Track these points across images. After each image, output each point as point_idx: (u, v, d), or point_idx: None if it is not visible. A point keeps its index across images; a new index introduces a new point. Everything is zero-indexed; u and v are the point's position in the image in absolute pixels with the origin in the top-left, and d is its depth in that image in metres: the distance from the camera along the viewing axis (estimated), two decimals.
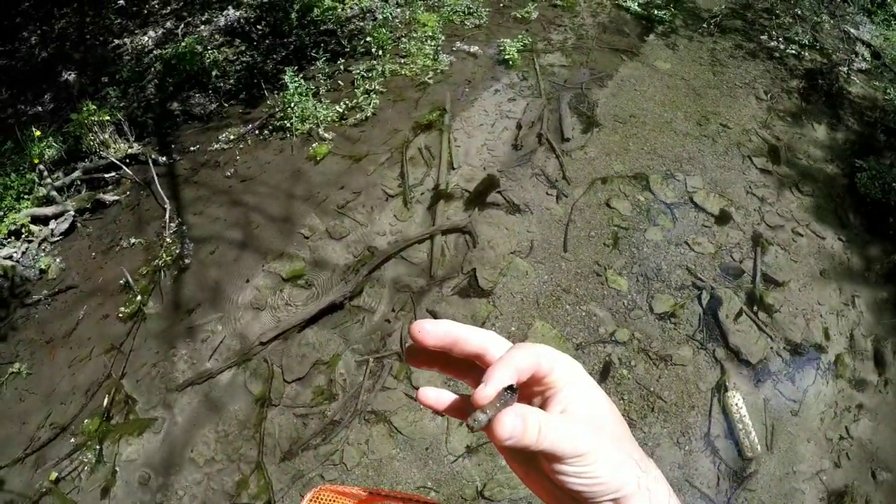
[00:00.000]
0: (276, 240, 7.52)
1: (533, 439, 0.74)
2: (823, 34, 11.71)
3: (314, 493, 1.24)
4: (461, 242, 7.39)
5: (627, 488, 0.80)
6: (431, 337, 0.84)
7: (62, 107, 9.85)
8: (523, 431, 0.74)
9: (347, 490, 1.31)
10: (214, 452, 5.82)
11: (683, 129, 9.03)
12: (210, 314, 6.87)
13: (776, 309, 6.93)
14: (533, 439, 0.74)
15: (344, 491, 1.30)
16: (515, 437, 0.74)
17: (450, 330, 0.85)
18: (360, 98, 9.29)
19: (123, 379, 6.41)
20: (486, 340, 0.87)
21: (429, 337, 0.84)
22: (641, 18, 11.45)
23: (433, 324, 0.85)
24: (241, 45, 10.72)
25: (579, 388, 0.84)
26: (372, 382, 6.20)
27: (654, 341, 6.59)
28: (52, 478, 5.71)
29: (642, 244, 7.45)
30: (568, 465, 0.77)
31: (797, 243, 7.67)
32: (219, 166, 8.65)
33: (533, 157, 8.41)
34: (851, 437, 6.14)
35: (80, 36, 11.46)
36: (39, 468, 5.83)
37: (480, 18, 11.16)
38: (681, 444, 5.90)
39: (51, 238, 7.88)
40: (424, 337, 0.84)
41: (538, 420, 0.75)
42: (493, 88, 9.60)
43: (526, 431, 0.74)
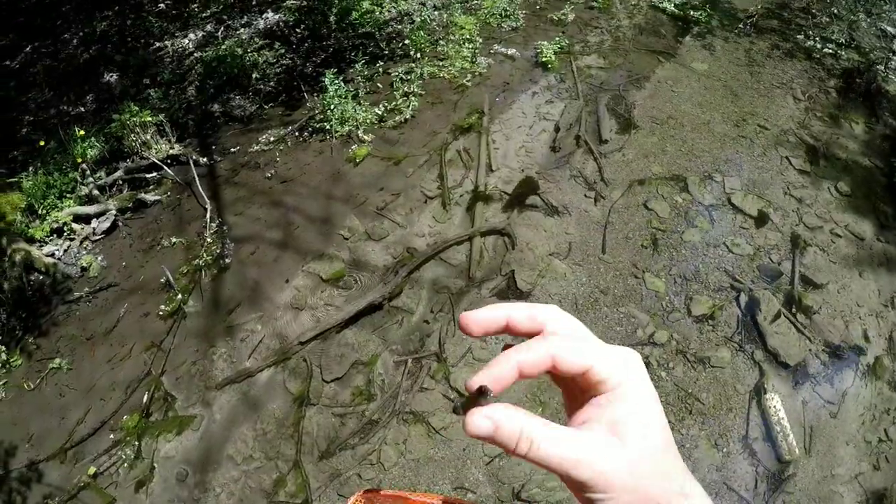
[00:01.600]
0: (315, 240, 7.60)
1: (524, 451, 0.69)
2: (860, 33, 11.58)
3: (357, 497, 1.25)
4: (500, 244, 7.42)
5: None
6: (478, 329, 0.80)
7: (104, 107, 9.99)
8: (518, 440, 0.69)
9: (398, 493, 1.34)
10: (252, 450, 5.89)
11: (721, 130, 8.97)
12: (250, 314, 6.95)
13: (815, 310, 6.86)
14: (524, 451, 0.69)
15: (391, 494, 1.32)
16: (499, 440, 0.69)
17: (493, 316, 0.80)
18: (399, 100, 9.34)
19: (163, 376, 6.52)
20: (529, 325, 0.80)
21: (475, 329, 0.80)
22: (677, 19, 11.39)
23: (480, 314, 0.80)
24: (281, 48, 10.84)
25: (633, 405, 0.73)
26: (410, 383, 6.25)
27: (693, 343, 6.56)
28: (90, 472, 5.81)
29: (680, 246, 7.42)
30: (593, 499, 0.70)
31: (836, 244, 7.59)
32: (259, 167, 8.75)
33: (571, 159, 8.41)
34: (891, 440, 6.07)
35: (122, 38, 11.63)
36: (78, 462, 5.95)
37: (517, 21, 11.17)
38: (719, 447, 5.87)
39: (92, 236, 8.02)
40: (470, 330, 0.80)
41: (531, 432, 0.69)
42: (531, 91, 9.61)
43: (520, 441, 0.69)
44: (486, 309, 0.81)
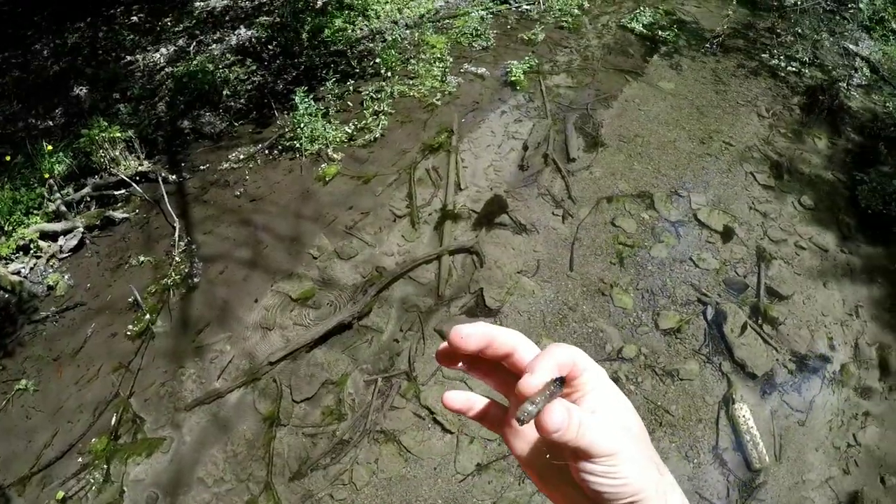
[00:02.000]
0: (284, 260, 7.59)
1: (574, 434, 0.76)
2: (823, 51, 11.79)
3: None
4: (468, 263, 7.45)
5: (647, 491, 0.81)
6: (473, 342, 0.87)
7: (73, 122, 9.89)
8: (567, 426, 0.76)
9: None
10: (223, 472, 5.85)
11: (687, 147, 9.10)
12: (219, 334, 6.92)
13: (781, 321, 6.98)
14: (574, 434, 0.76)
15: None
16: (562, 430, 0.76)
17: (485, 331, 0.87)
18: (369, 119, 9.38)
19: (131, 398, 6.45)
20: (516, 340, 0.89)
21: (471, 342, 0.86)
22: (645, 39, 11.53)
23: (471, 328, 0.87)
24: (253, 64, 10.82)
25: (607, 392, 0.87)
26: (381, 402, 6.24)
27: (661, 357, 6.64)
28: (59, 497, 5.73)
29: (647, 262, 7.51)
30: (597, 465, 0.78)
31: (800, 256, 7.73)
32: (228, 185, 8.72)
33: (539, 177, 8.48)
34: (859, 445, 6.18)
35: (93, 51, 11.54)
36: (46, 486, 5.86)
37: (488, 41, 11.24)
38: (689, 458, 5.95)
39: (59, 254, 7.93)
40: (467, 343, 0.86)
41: (579, 417, 0.77)
42: (500, 110, 9.69)
43: (569, 426, 0.76)
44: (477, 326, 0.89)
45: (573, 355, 0.84)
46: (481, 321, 0.89)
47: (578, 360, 0.84)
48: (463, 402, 0.94)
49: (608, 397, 0.87)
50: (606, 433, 0.79)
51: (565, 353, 0.84)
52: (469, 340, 0.87)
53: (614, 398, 0.87)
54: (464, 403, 0.94)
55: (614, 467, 0.79)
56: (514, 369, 0.89)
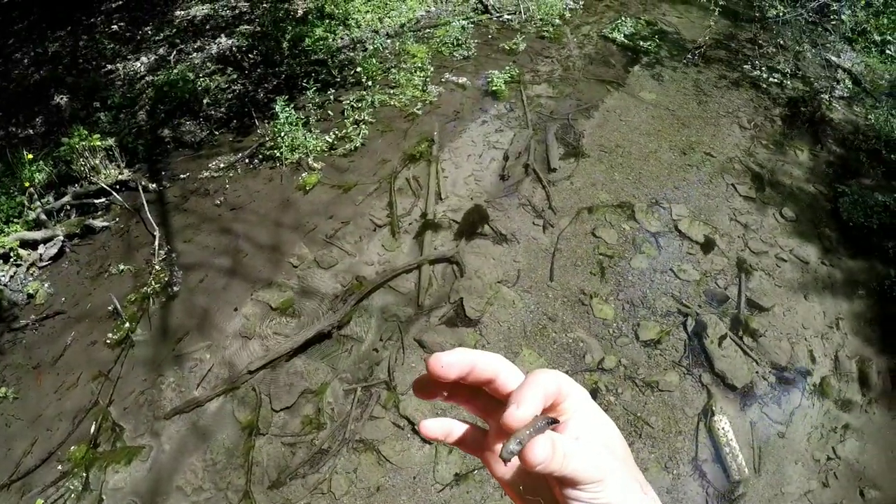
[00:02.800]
0: (264, 268, 7.56)
1: (558, 465, 0.75)
2: (805, 63, 11.91)
3: None
4: (448, 272, 7.44)
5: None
6: (455, 370, 0.84)
7: (53, 130, 9.86)
8: (553, 459, 0.75)
9: None
10: (202, 481, 5.80)
11: (668, 158, 9.15)
12: (198, 342, 6.87)
13: (761, 333, 7.01)
14: (558, 465, 0.75)
15: None
16: (545, 463, 0.75)
17: (466, 358, 0.85)
18: (350, 128, 9.38)
19: (111, 406, 6.38)
20: (498, 366, 0.87)
21: (452, 371, 0.84)
22: (627, 50, 11.62)
23: (450, 355, 0.85)
24: (233, 73, 10.81)
25: (589, 415, 0.87)
26: (360, 411, 6.22)
27: (641, 368, 6.64)
28: None
29: (628, 272, 7.52)
30: (583, 492, 0.78)
31: (781, 268, 7.77)
32: (208, 194, 8.68)
33: (520, 187, 8.50)
34: (839, 458, 6.20)
35: (74, 59, 11.51)
36: (25, 494, 5.78)
37: (469, 50, 11.29)
38: (669, 469, 5.94)
39: (39, 263, 7.88)
40: (448, 372, 0.84)
41: (564, 447, 0.76)
42: (481, 119, 9.71)
43: (554, 458, 0.75)
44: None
45: (558, 383, 0.83)
46: (459, 347, 0.87)
47: (563, 386, 0.84)
48: (440, 429, 0.92)
49: (591, 420, 0.87)
50: (592, 461, 0.79)
51: (551, 380, 0.83)
52: (450, 370, 0.85)
53: (597, 420, 0.87)
54: (441, 431, 0.92)
55: (599, 493, 0.79)
56: (497, 395, 0.88)
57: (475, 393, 0.91)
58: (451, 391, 0.91)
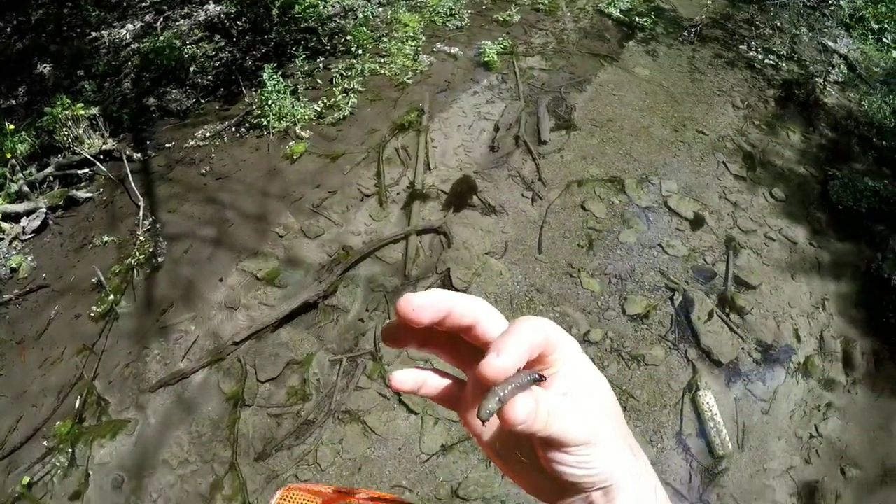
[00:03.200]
0: (250, 238, 7.49)
1: (542, 425, 0.69)
2: (802, 46, 11.86)
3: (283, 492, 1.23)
4: (436, 243, 7.40)
5: (618, 475, 0.76)
6: (428, 312, 0.74)
7: (36, 100, 9.75)
8: (536, 417, 0.69)
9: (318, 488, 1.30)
10: (188, 454, 5.78)
11: (660, 134, 9.11)
12: (183, 314, 6.82)
13: (748, 311, 7.02)
14: (542, 425, 0.69)
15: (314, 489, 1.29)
16: (528, 423, 0.68)
17: (442, 300, 0.75)
18: (339, 97, 9.27)
19: (96, 380, 6.34)
20: (478, 310, 0.77)
21: (425, 314, 0.74)
22: (622, 25, 11.53)
23: (424, 297, 0.74)
24: (221, 40, 10.67)
25: (580, 369, 0.79)
26: (346, 382, 6.19)
27: (627, 341, 6.64)
28: (24, 482, 5.62)
29: (616, 246, 7.50)
30: (569, 454, 0.73)
31: (769, 247, 7.77)
32: (194, 163, 8.59)
33: (509, 158, 8.44)
34: (821, 436, 6.23)
35: (57, 27, 11.34)
36: (11, 472, 5.75)
37: (462, 20, 11.18)
38: (653, 443, 5.96)
39: (22, 236, 7.78)
40: (420, 315, 0.74)
41: (547, 404, 0.70)
42: (472, 90, 9.63)
43: (537, 416, 0.69)
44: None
45: (546, 332, 0.75)
46: (436, 289, 0.76)
47: (551, 336, 0.75)
48: (412, 380, 0.83)
49: (582, 375, 0.79)
50: (579, 421, 0.72)
51: (537, 329, 0.74)
52: (422, 312, 0.74)
53: (588, 375, 0.80)
54: (414, 382, 0.83)
55: (588, 456, 0.73)
56: (477, 343, 0.79)
57: (453, 341, 0.82)
58: (425, 339, 0.83)
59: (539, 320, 0.75)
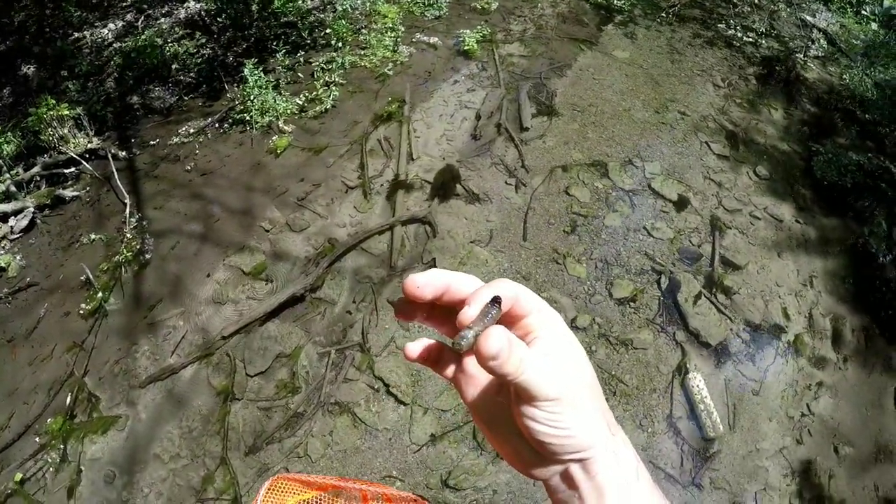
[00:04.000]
0: (236, 233, 7.50)
1: (514, 367, 0.74)
2: (780, 22, 11.90)
3: (272, 482, 1.26)
4: (421, 233, 7.42)
5: (594, 449, 0.80)
6: (429, 289, 0.85)
7: (21, 101, 9.73)
8: (508, 355, 0.73)
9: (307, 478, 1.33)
10: (179, 448, 5.81)
11: (642, 116, 9.13)
12: (171, 309, 6.84)
13: (735, 291, 7.05)
14: (514, 367, 0.74)
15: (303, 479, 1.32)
16: (501, 359, 0.73)
17: (440, 278, 0.86)
18: (320, 90, 9.29)
19: (86, 377, 6.36)
20: (473, 284, 0.87)
21: (426, 290, 0.85)
22: (600, 8, 11.55)
23: (424, 276, 0.86)
24: (202, 37, 10.65)
25: (560, 337, 0.84)
26: (334, 374, 6.22)
27: (615, 326, 6.67)
28: (17, 479, 5.66)
29: (601, 231, 7.52)
30: (539, 409, 0.77)
31: (755, 226, 7.80)
32: (179, 160, 8.60)
33: (492, 146, 8.45)
34: (813, 414, 6.27)
35: (40, 28, 11.30)
36: (3, 469, 5.77)
37: (440, 10, 11.18)
38: (644, 427, 5.99)
39: (10, 235, 7.79)
40: (423, 292, 0.85)
41: (521, 351, 0.75)
42: (453, 79, 9.63)
43: (510, 357, 0.73)
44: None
45: (516, 290, 0.83)
46: (435, 268, 0.89)
47: (523, 296, 0.84)
48: (421, 349, 0.92)
49: (562, 343, 0.84)
50: (550, 376, 0.77)
51: (508, 287, 0.83)
52: (425, 289, 0.85)
53: (569, 346, 0.85)
54: (423, 350, 0.92)
55: (557, 414, 0.77)
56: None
57: (451, 314, 0.88)
58: (429, 313, 0.92)
59: (513, 283, 0.84)
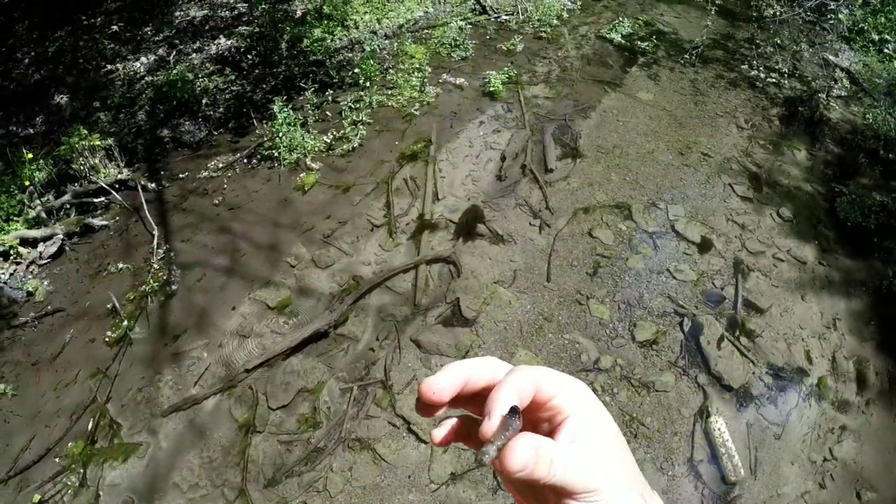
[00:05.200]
0: (262, 268, 7.57)
1: (544, 472, 0.71)
2: (803, 62, 11.93)
3: None
4: (445, 272, 7.46)
5: None
6: (448, 393, 0.83)
7: (54, 130, 9.85)
8: (535, 464, 0.71)
9: None
10: (198, 478, 5.81)
11: (665, 158, 9.17)
12: (196, 340, 6.88)
13: (758, 334, 7.01)
14: (544, 472, 0.71)
15: None
16: (528, 469, 0.70)
17: (458, 376, 0.83)
18: (348, 129, 9.39)
19: (108, 403, 6.39)
20: (492, 372, 0.84)
21: (445, 395, 0.83)
22: (624, 50, 11.65)
23: (441, 379, 0.83)
24: (232, 73, 10.80)
25: (588, 413, 0.81)
26: (356, 410, 6.23)
27: (637, 368, 6.64)
28: (35, 501, 5.66)
29: (624, 273, 7.53)
30: (577, 501, 0.75)
31: (778, 269, 7.77)
32: (207, 194, 8.69)
33: (516, 187, 8.52)
34: (835, 459, 6.20)
35: (74, 59, 11.48)
36: (23, 490, 5.78)
37: (467, 51, 11.32)
38: (664, 470, 5.94)
39: (39, 261, 7.87)
40: (441, 397, 0.83)
41: (550, 453, 0.72)
42: (478, 120, 9.74)
43: (538, 464, 0.71)
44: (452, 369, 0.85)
45: (535, 378, 0.80)
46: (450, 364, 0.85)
47: (543, 382, 0.80)
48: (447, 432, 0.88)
49: (589, 420, 0.81)
50: (585, 468, 0.75)
51: (525, 377, 0.79)
52: (443, 394, 0.83)
53: (596, 419, 0.82)
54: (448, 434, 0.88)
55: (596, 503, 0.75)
56: None
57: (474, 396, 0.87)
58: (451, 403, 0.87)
59: (529, 369, 0.80)
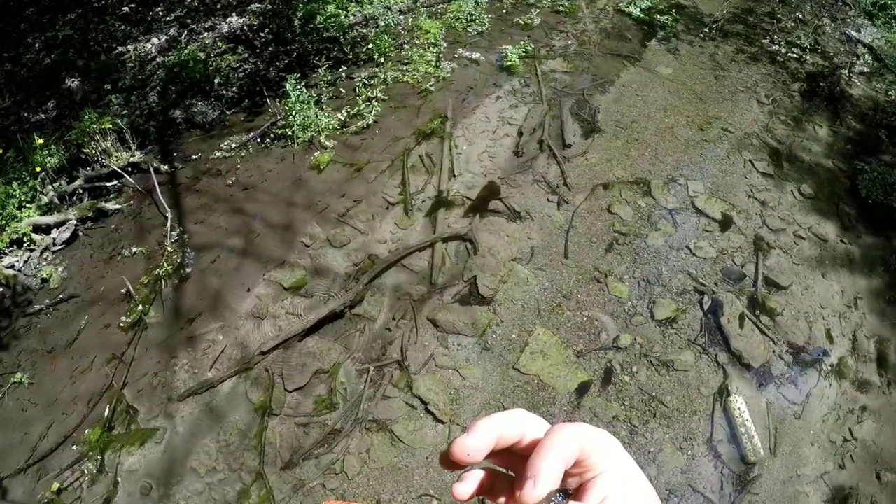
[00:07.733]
0: (277, 248, 7.53)
1: None
2: (825, 37, 11.74)
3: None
4: (462, 250, 7.39)
5: None
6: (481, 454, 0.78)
7: (65, 114, 9.83)
8: None
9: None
10: (216, 462, 5.81)
11: (685, 134, 9.04)
12: (211, 323, 6.86)
13: (778, 312, 6.92)
14: None
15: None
16: None
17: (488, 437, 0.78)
18: (362, 106, 9.30)
19: (125, 389, 6.39)
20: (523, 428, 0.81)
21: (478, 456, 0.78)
22: (643, 24, 11.48)
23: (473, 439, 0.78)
24: (244, 52, 10.72)
25: (619, 472, 0.79)
26: (373, 391, 6.20)
27: (656, 346, 6.58)
28: (54, 489, 5.68)
29: (643, 250, 7.44)
30: None
31: (799, 246, 7.67)
32: (220, 174, 8.65)
33: (534, 163, 8.41)
34: (855, 439, 6.13)
35: (84, 43, 11.45)
36: (42, 478, 5.81)
37: (483, 25, 11.17)
38: (683, 450, 5.89)
39: (52, 247, 7.86)
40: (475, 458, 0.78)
41: None
42: (495, 95, 9.61)
43: None
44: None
45: (580, 441, 0.76)
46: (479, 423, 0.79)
47: (587, 443, 0.76)
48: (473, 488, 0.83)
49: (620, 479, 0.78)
50: None
51: (571, 442, 0.75)
52: (476, 455, 0.78)
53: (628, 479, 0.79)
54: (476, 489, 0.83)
55: None
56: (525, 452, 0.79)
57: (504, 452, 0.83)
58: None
59: (573, 429, 0.76)
